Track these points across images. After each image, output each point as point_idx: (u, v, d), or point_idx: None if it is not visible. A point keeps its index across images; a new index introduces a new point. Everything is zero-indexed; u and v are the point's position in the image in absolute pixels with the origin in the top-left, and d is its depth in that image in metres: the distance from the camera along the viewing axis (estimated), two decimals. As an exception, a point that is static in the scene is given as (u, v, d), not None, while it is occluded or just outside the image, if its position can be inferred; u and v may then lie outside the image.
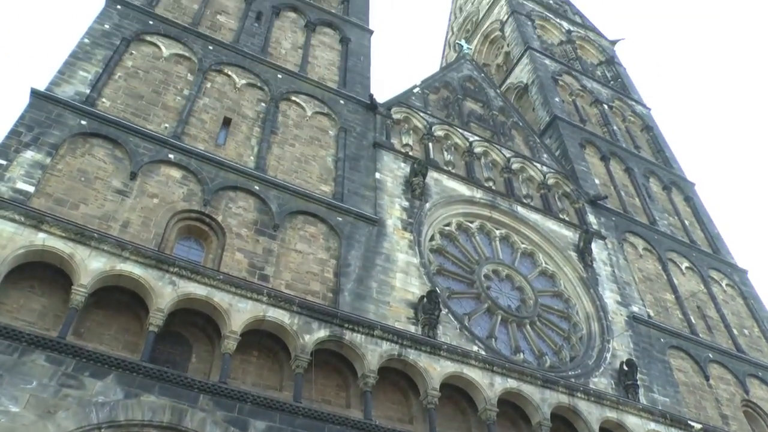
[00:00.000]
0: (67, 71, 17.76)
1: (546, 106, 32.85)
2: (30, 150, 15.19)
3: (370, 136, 22.69)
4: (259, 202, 17.84)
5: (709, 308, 26.02)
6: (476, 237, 22.49)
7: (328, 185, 20.01)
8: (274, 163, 19.49)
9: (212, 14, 23.91)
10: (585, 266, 23.30)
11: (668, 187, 32.00)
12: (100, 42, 19.26)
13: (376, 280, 17.83)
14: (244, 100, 20.99)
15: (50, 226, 13.00)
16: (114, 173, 16.16)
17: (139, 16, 21.11)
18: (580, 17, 46.45)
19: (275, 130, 20.58)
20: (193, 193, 16.99)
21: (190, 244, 16.52)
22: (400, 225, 20.14)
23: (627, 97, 38.39)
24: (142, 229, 15.41)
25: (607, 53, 43.03)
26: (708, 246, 29.69)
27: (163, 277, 13.51)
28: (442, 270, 20.48)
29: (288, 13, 26.39)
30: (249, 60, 22.35)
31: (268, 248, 16.90)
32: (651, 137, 35.79)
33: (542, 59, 36.92)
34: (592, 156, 30.79)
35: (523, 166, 26.55)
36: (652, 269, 26.02)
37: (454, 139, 25.71)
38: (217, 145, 18.99)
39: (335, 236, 18.37)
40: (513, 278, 21.84)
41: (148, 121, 18.21)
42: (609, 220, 26.65)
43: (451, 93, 28.42)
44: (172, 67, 20.44)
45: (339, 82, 24.40)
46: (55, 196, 14.84)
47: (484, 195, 23.67)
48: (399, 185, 21.55)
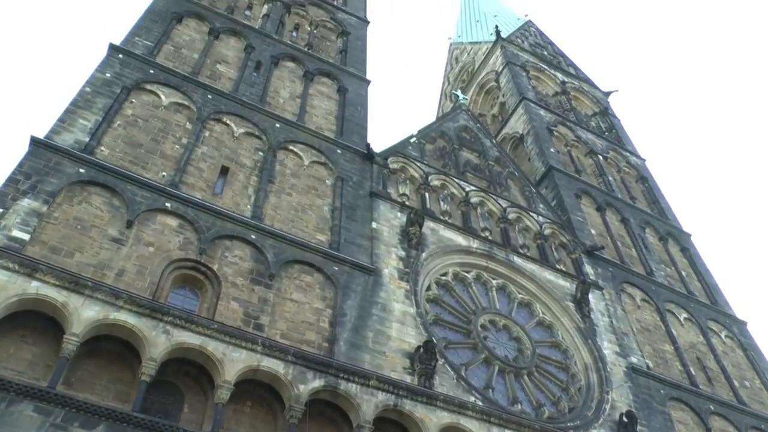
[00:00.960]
0: (67, 119, 17.91)
1: (541, 156, 33.11)
2: (27, 198, 15.21)
3: (367, 186, 22.79)
4: (255, 251, 17.80)
5: (708, 360, 25.79)
6: (473, 287, 22.40)
7: (324, 234, 20.00)
8: (271, 212, 19.51)
9: (212, 63, 24.24)
10: (582, 317, 23.16)
11: (664, 238, 32.03)
12: (101, 90, 19.47)
13: (372, 330, 17.68)
14: (242, 148, 21.13)
15: (44, 275, 12.92)
16: (110, 221, 16.15)
17: (140, 65, 21.39)
18: (574, 69, 47.22)
19: (272, 179, 20.66)
20: (189, 241, 16.96)
21: (185, 293, 16.41)
22: (397, 275, 20.07)
23: (621, 148, 38.72)
24: (137, 277, 15.33)
25: (601, 104, 43.60)
26: (706, 297, 29.57)
27: (156, 326, 13.37)
28: (438, 320, 20.34)
29: (287, 63, 26.78)
30: (248, 109, 22.58)
31: (264, 297, 16.80)
32: (646, 188, 35.99)
33: (537, 110, 37.39)
34: (588, 206, 30.90)
35: (520, 216, 26.62)
36: (650, 320, 25.86)
37: (450, 188, 25.83)
38: (214, 193, 19.04)
39: (331, 286, 18.28)
40: (510, 328, 21.68)
41: (146, 169, 18.28)
42: (606, 270, 26.60)
43: (447, 143, 28.66)
44: (171, 116, 20.62)
45: (336, 131, 24.61)
46: (51, 244, 14.81)
47: (480, 245, 23.66)
48: (395, 235, 21.55)
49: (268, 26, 28.24)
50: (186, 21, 25.40)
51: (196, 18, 25.92)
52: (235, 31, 26.57)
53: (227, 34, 26.24)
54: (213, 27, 25.87)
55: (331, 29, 31.51)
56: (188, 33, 24.96)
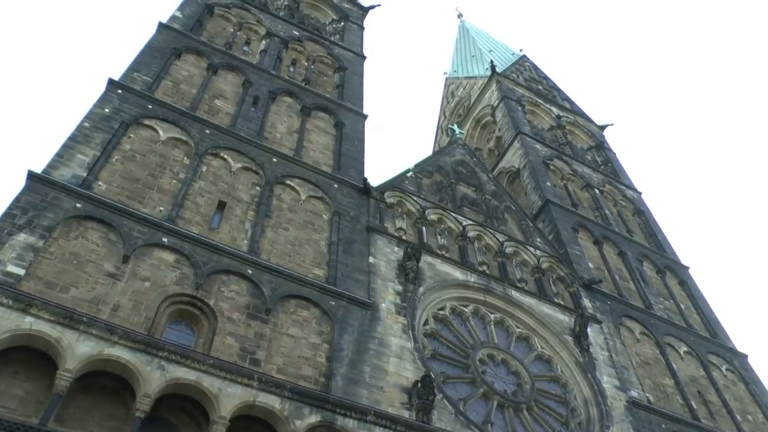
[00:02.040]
0: (65, 154, 17.94)
1: (538, 190, 33.21)
2: (23, 233, 15.17)
3: (364, 220, 22.79)
4: (251, 286, 17.71)
5: (710, 393, 25.54)
6: (471, 321, 22.28)
7: (321, 269, 19.94)
8: (268, 247, 19.47)
9: (210, 99, 24.40)
10: (581, 351, 23.00)
11: (662, 271, 31.96)
12: (100, 125, 19.54)
13: (369, 365, 17.53)
14: (239, 183, 21.16)
15: (38, 310, 12.81)
16: (107, 256, 16.09)
17: (138, 100, 21.52)
18: (569, 103, 47.64)
19: (269, 213, 20.66)
20: (185, 276, 16.88)
21: (181, 328, 16.28)
22: (394, 309, 19.97)
23: (617, 182, 38.88)
24: (133, 312, 15.22)
25: (597, 138, 43.89)
26: (705, 330, 29.41)
27: (151, 362, 13.24)
28: (436, 354, 20.19)
29: (284, 98, 26.96)
30: (245, 144, 22.66)
31: (260, 332, 16.67)
32: (643, 221, 36.04)
33: (533, 144, 37.59)
34: (586, 240, 30.90)
35: (517, 250, 26.59)
36: (649, 353, 25.68)
37: (447, 223, 25.85)
38: (211, 228, 19.01)
39: (328, 320, 18.17)
40: (509, 363, 21.51)
41: (144, 204, 18.29)
42: (604, 304, 26.49)
43: (444, 177, 28.76)
44: (169, 151, 20.68)
45: (333, 166, 24.69)
46: (46, 279, 14.72)
47: (478, 279, 23.60)
48: (392, 269, 21.50)
49: (266, 62, 28.52)
50: (185, 56, 25.63)
51: (195, 54, 26.17)
52: (233, 66, 26.81)
53: (225, 69, 26.47)
54: (211, 62, 26.11)
55: (328, 64, 31.82)
56: (187, 68, 25.18)
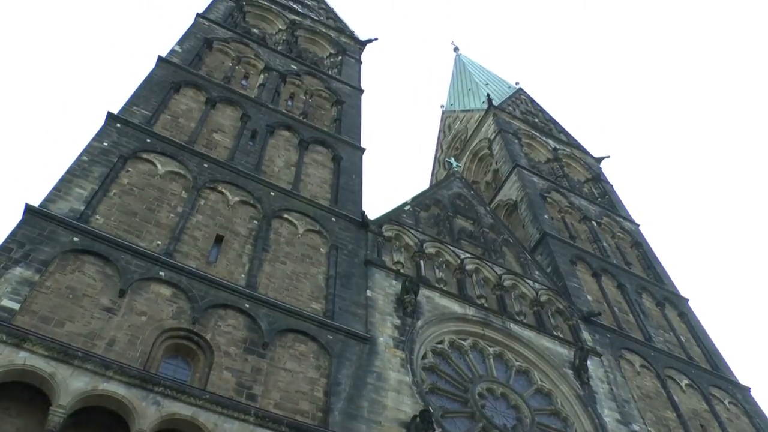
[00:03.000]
0: (63, 188, 17.93)
1: (536, 223, 33.23)
2: (19, 267, 15.08)
3: (362, 254, 22.73)
4: (248, 320, 17.57)
5: (713, 427, 25.25)
6: (469, 355, 22.10)
7: (319, 303, 19.82)
8: (265, 281, 19.38)
9: (209, 132, 24.47)
10: (582, 384, 22.79)
11: (662, 303, 31.82)
12: (98, 159, 19.57)
13: (367, 399, 17.33)
14: (236, 217, 21.14)
15: (32, 345, 12.70)
16: (103, 290, 15.98)
17: (137, 134, 21.57)
18: (566, 135, 47.93)
19: (267, 247, 20.61)
20: (182, 310, 16.76)
21: (177, 363, 16.10)
22: (392, 343, 19.82)
23: (615, 214, 38.92)
24: (128, 347, 15.07)
25: (594, 171, 44.06)
26: (706, 362, 29.18)
27: (147, 397, 13.10)
28: (435, 388, 19.99)
29: (282, 132, 27.07)
30: (243, 178, 22.69)
31: (257, 367, 16.50)
32: (641, 253, 35.99)
33: (530, 177, 37.72)
34: (584, 272, 30.82)
35: (515, 283, 26.51)
36: (650, 387, 25.45)
37: (445, 256, 25.80)
38: (208, 262, 18.94)
39: (326, 354, 18.00)
40: (508, 397, 21.28)
41: (141, 238, 18.23)
42: (604, 337, 26.33)
43: (441, 210, 28.79)
44: (167, 185, 20.69)
45: (331, 199, 24.71)
46: (41, 314, 14.59)
47: (476, 312, 23.47)
48: (390, 303, 21.39)
49: (264, 96, 28.70)
50: (183, 90, 25.77)
51: (194, 88, 26.32)
52: (231, 100, 26.95)
53: (224, 103, 26.61)
54: (210, 96, 26.26)
55: (326, 98, 32.04)
56: (186, 102, 25.32)
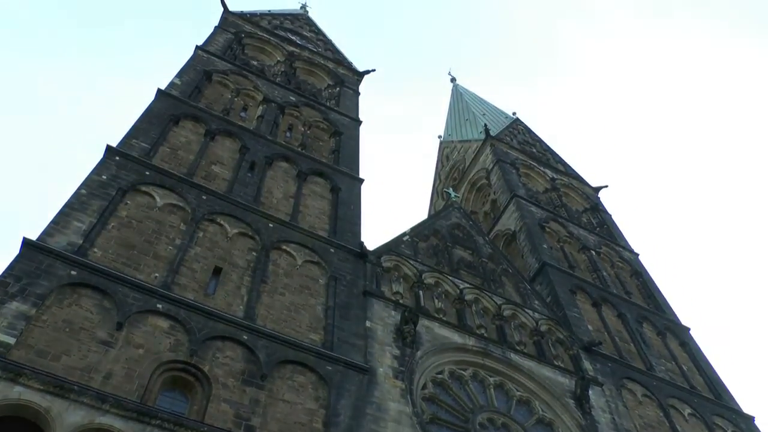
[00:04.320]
0: (61, 221, 17.92)
1: (535, 252, 33.21)
2: (15, 301, 15.00)
3: (360, 285, 22.68)
4: (247, 352, 17.46)
5: (716, 456, 25.00)
6: (470, 385, 21.95)
7: (317, 334, 19.73)
8: (264, 312, 19.31)
9: (207, 164, 24.56)
10: (583, 414, 22.59)
11: (663, 333, 31.66)
12: (97, 192, 19.59)
13: (366, 430, 17.16)
14: (235, 249, 21.13)
15: (28, 379, 12.65)
16: (100, 324, 15.90)
17: (136, 167, 21.65)
18: (563, 165, 48.14)
19: (265, 279, 20.57)
20: (180, 343, 16.66)
21: (175, 396, 15.96)
22: (392, 373, 19.70)
23: (614, 243, 38.91)
24: (125, 380, 14.94)
25: (592, 200, 44.17)
26: (709, 392, 28.93)
27: (144, 430, 13.07)
28: (435, 419, 19.81)
29: (280, 163, 27.19)
30: (241, 209, 22.73)
31: (255, 398, 16.37)
32: (641, 282, 35.91)
33: (528, 207, 37.78)
34: (584, 302, 30.72)
35: (515, 313, 26.42)
36: (653, 416, 25.21)
37: (444, 286, 25.75)
38: (206, 294, 18.88)
39: (324, 385, 17.86)
40: (509, 427, 21.08)
41: (139, 270, 18.20)
42: (605, 366, 26.16)
43: (440, 240, 28.80)
44: (165, 217, 20.72)
45: (329, 230, 24.72)
46: (37, 348, 14.46)
47: (476, 342, 23.35)
48: (390, 333, 21.30)
49: (263, 127, 28.88)
50: (183, 123, 25.93)
51: (193, 120, 26.48)
52: (230, 132, 27.11)
53: (223, 135, 26.76)
54: (209, 128, 26.42)
55: (324, 129, 32.26)
56: (185, 134, 25.46)
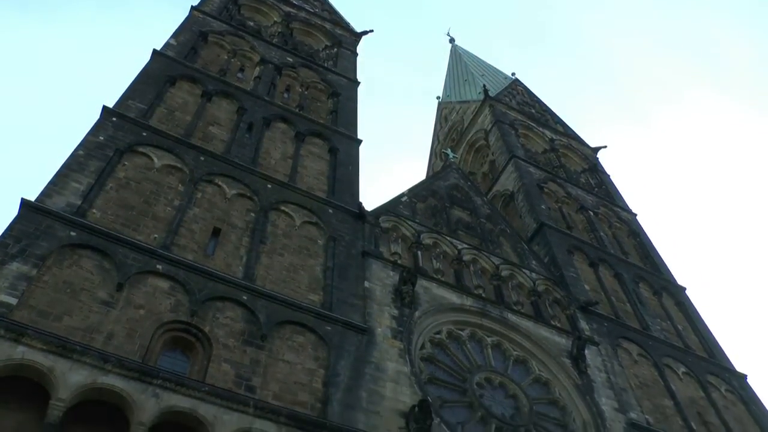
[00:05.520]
0: (59, 182, 17.88)
1: (533, 213, 33.26)
2: (16, 262, 15.06)
3: (359, 245, 22.75)
4: (247, 313, 17.59)
5: (709, 414, 25.36)
6: (467, 345, 22.17)
7: (316, 294, 19.86)
8: (263, 273, 19.40)
9: (204, 126, 24.43)
10: (579, 373, 22.87)
11: (659, 293, 31.90)
12: (94, 153, 19.52)
13: (365, 390, 17.40)
14: (233, 210, 21.14)
15: (31, 339, 12.73)
16: (100, 284, 15.99)
17: (133, 128, 21.53)
18: (562, 126, 47.92)
19: (264, 239, 20.62)
20: (180, 303, 16.78)
21: (176, 356, 16.13)
22: (390, 334, 19.87)
23: (612, 204, 38.97)
24: (127, 340, 15.08)
25: (590, 161, 44.08)
26: (703, 351, 29.28)
27: (146, 390, 13.15)
28: (433, 379, 20.06)
29: (278, 124, 27.04)
30: (239, 170, 22.68)
31: (256, 359, 16.54)
32: (638, 243, 36.06)
33: (527, 167, 37.73)
34: (581, 262, 30.87)
35: (513, 273, 26.56)
36: (648, 375, 25.55)
37: (442, 247, 25.84)
38: (206, 255, 18.95)
39: (324, 346, 18.05)
40: (506, 386, 21.36)
41: (138, 231, 18.23)
42: (601, 326, 26.40)
43: (438, 201, 28.81)
44: (163, 178, 20.68)
45: (328, 191, 24.71)
46: (39, 308, 14.58)
47: (474, 303, 23.53)
48: (388, 294, 21.43)
49: (260, 88, 28.67)
50: (179, 84, 25.73)
51: (190, 81, 26.27)
52: (227, 93, 26.92)
53: (220, 96, 26.57)
54: (206, 89, 26.22)
55: (322, 90, 32.02)
56: (181, 96, 25.28)
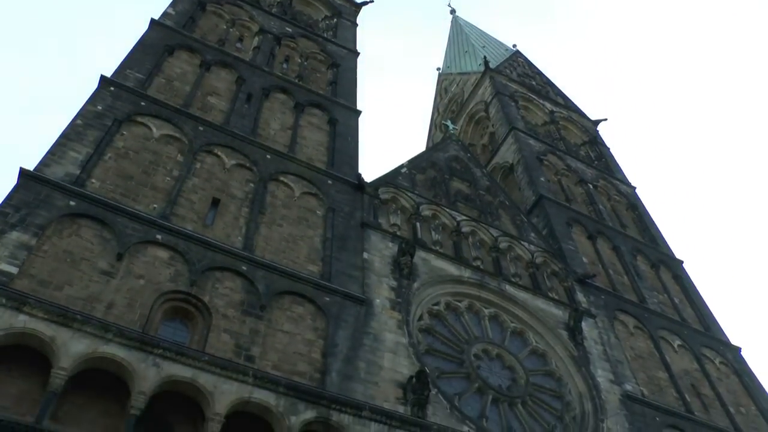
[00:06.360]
0: (57, 152, 17.84)
1: (532, 185, 33.24)
2: (16, 231, 15.09)
3: (358, 216, 22.77)
4: (246, 283, 17.68)
5: (703, 386, 25.65)
6: (465, 316, 22.31)
7: (315, 265, 19.93)
8: (262, 244, 19.45)
9: (203, 96, 24.30)
10: (576, 345, 23.06)
11: (656, 266, 32.03)
12: (92, 123, 19.45)
13: (364, 360, 17.55)
14: (233, 180, 21.12)
15: (32, 308, 12.79)
16: (100, 254, 16.04)
17: (131, 97, 21.42)
18: (563, 98, 47.66)
19: (263, 210, 20.63)
20: (180, 273, 16.85)
21: (176, 326, 16.25)
22: (388, 305, 19.98)
23: (611, 177, 38.94)
24: (127, 310, 15.19)
25: (590, 133, 43.93)
26: (699, 324, 29.50)
27: (146, 359, 13.25)
28: (431, 350, 20.22)
29: (277, 95, 26.89)
30: (238, 141, 22.60)
31: (255, 329, 16.66)
32: (636, 216, 36.10)
33: (527, 139, 37.61)
34: (579, 235, 30.93)
35: (511, 245, 26.63)
36: (643, 347, 25.77)
37: (441, 218, 25.87)
38: (205, 225, 18.98)
39: (323, 316, 18.16)
40: (503, 357, 21.55)
41: (137, 201, 18.24)
42: (598, 298, 26.56)
43: (437, 173, 28.77)
44: (162, 148, 20.62)
45: (327, 162, 24.66)
46: (39, 278, 14.65)
47: (472, 274, 23.62)
48: (387, 265, 21.50)
49: (259, 58, 28.45)
50: (177, 53, 25.53)
51: (188, 50, 26.07)
52: (226, 63, 26.73)
53: (218, 66, 26.38)
54: (204, 59, 26.04)
55: (322, 61, 31.78)
56: (180, 65, 25.10)
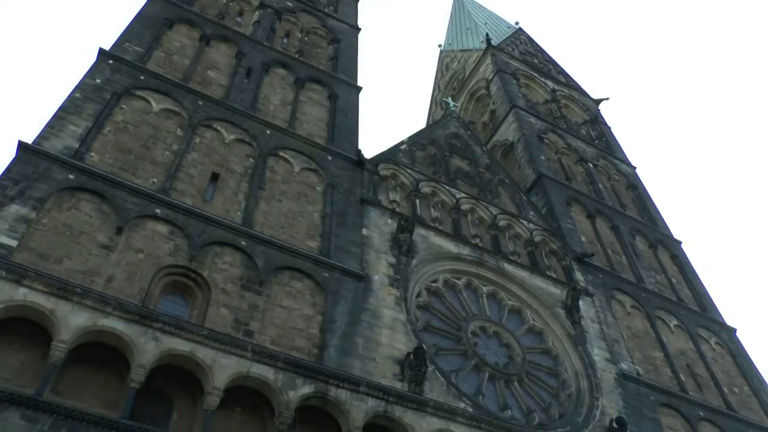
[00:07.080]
0: (56, 125, 17.77)
1: (532, 163, 33.19)
2: (15, 204, 15.09)
3: (358, 192, 22.76)
4: (245, 258, 17.73)
5: (698, 366, 25.86)
6: (463, 294, 22.40)
7: (314, 241, 19.96)
8: (261, 219, 19.46)
9: (203, 70, 24.15)
10: (573, 323, 23.19)
11: (654, 245, 32.10)
12: (91, 96, 19.35)
13: (362, 336, 17.66)
14: (232, 155, 21.07)
15: (32, 281, 12.81)
16: (100, 228, 16.06)
17: (130, 71, 21.29)
18: (565, 77, 47.40)
19: (263, 185, 20.61)
20: (179, 248, 16.88)
21: (175, 300, 16.33)
22: (387, 281, 20.06)
23: (612, 156, 38.86)
24: (127, 284, 15.25)
25: (591, 112, 43.75)
26: (695, 304, 29.65)
27: (146, 333, 13.30)
28: (428, 326, 20.33)
29: (277, 70, 26.74)
30: (238, 116, 22.51)
31: (254, 304, 16.74)
32: (636, 196, 36.09)
33: (527, 117, 37.47)
34: (579, 214, 30.95)
35: (510, 224, 26.66)
36: (640, 327, 25.92)
37: (441, 196, 25.86)
38: (204, 200, 18.97)
39: (321, 292, 18.24)
40: (500, 335, 21.69)
41: (137, 175, 18.20)
42: (596, 277, 26.65)
43: (437, 150, 28.70)
44: (161, 122, 20.54)
45: (327, 138, 24.59)
46: (39, 251, 14.69)
47: (471, 252, 23.68)
48: (386, 241, 21.54)
49: (259, 33, 28.23)
50: (177, 27, 25.30)
51: (187, 24, 25.84)
52: (225, 37, 26.52)
53: (218, 40, 26.18)
54: (204, 33, 25.82)
55: (322, 36, 31.54)
56: (179, 39, 24.90)
